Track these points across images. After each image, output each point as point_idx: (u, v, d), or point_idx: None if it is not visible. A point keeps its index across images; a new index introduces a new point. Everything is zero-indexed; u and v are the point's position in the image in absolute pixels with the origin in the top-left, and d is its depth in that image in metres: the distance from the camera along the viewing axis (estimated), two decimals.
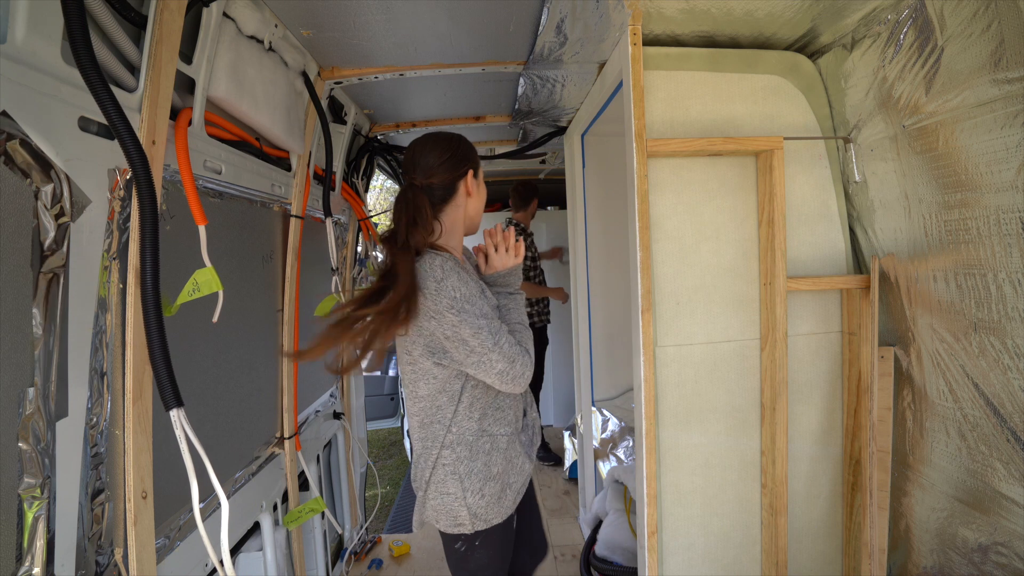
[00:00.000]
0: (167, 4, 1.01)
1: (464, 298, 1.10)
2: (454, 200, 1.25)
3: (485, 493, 1.19)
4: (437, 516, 1.22)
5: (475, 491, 1.19)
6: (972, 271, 1.15)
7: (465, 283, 1.11)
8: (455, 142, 1.26)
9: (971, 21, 1.04)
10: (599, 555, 2.11)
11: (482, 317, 1.10)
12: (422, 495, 1.24)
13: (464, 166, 1.25)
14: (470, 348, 1.10)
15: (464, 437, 1.19)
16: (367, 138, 2.46)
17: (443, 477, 1.19)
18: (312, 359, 1.17)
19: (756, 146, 1.43)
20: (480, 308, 1.11)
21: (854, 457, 1.54)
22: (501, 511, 1.22)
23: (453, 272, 1.11)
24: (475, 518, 1.19)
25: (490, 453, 1.21)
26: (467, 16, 1.45)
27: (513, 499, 1.25)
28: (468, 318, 1.09)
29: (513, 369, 1.11)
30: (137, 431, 0.99)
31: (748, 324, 1.52)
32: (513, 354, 1.11)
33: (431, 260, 1.12)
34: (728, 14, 1.36)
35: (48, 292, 0.84)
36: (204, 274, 1.13)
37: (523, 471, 1.28)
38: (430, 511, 1.23)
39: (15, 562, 0.80)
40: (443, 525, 1.22)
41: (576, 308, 2.70)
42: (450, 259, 1.13)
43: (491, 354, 1.10)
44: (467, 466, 1.19)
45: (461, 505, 1.18)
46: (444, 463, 1.19)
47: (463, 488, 1.18)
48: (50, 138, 0.82)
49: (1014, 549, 1.11)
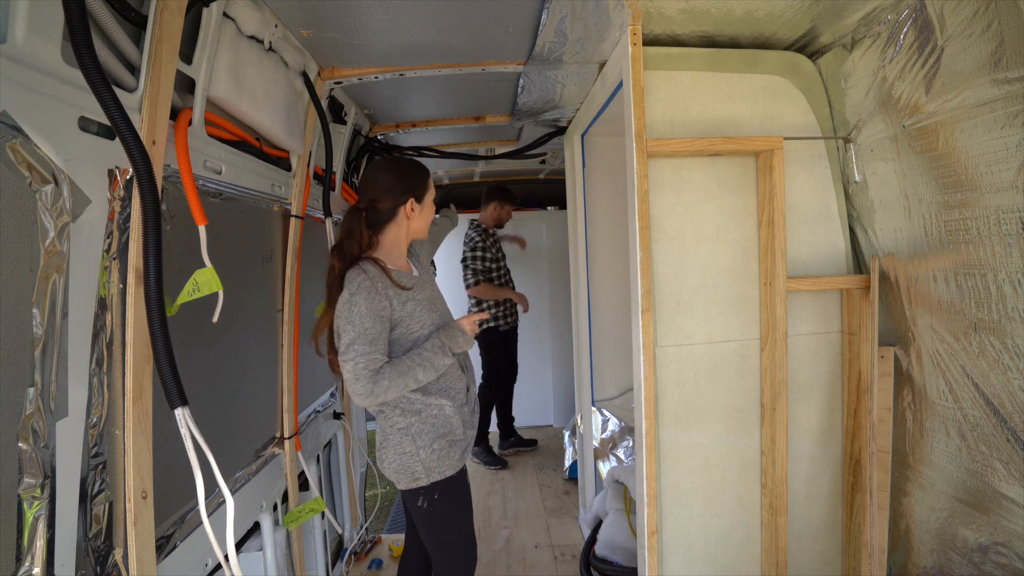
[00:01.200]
0: (167, 4, 1.01)
1: (360, 313, 1.31)
2: (395, 221, 1.48)
3: (435, 448, 1.42)
4: (398, 477, 1.44)
5: (426, 447, 1.41)
6: (972, 271, 1.15)
7: (371, 302, 1.32)
8: (400, 172, 1.48)
9: (971, 21, 1.04)
10: (599, 555, 2.11)
11: (362, 334, 1.30)
12: (382, 454, 1.46)
13: (406, 196, 1.46)
14: (342, 347, 1.32)
15: (413, 406, 1.42)
16: (367, 138, 2.46)
17: (399, 440, 1.42)
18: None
19: (756, 146, 1.43)
20: (366, 327, 1.31)
21: (854, 457, 1.54)
22: (451, 464, 1.44)
23: (364, 291, 1.33)
24: (429, 471, 1.41)
25: (436, 418, 1.43)
26: (467, 16, 1.45)
27: (460, 455, 1.47)
28: (351, 329, 1.31)
29: (352, 385, 1.30)
30: (137, 431, 0.99)
31: (748, 324, 1.52)
32: (357, 375, 1.29)
33: (355, 273, 1.36)
34: (728, 14, 1.36)
35: (48, 292, 0.84)
36: (204, 274, 1.13)
37: (466, 437, 1.50)
38: (391, 471, 1.44)
39: (15, 562, 0.80)
40: (404, 483, 1.44)
41: (576, 308, 2.70)
42: (368, 278, 1.34)
43: (346, 363, 1.30)
44: (418, 427, 1.42)
45: (416, 461, 1.41)
46: (399, 427, 1.42)
47: (416, 446, 1.41)
48: (50, 138, 0.82)
49: (1014, 549, 1.11)
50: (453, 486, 1.46)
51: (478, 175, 3.88)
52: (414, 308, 1.42)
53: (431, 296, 1.51)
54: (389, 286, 1.37)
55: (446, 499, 1.45)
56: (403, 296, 1.40)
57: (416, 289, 1.44)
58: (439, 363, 1.40)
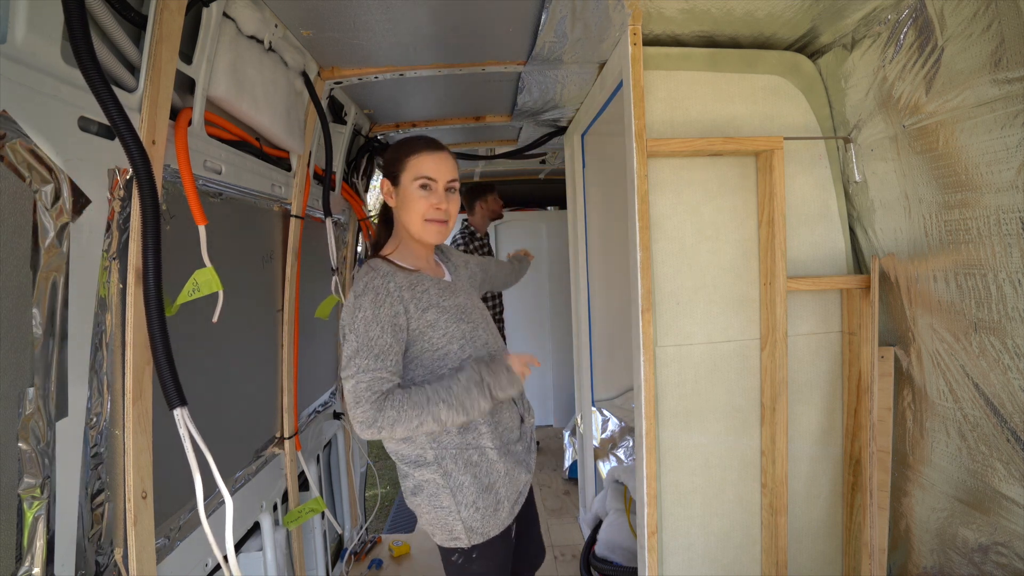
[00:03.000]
0: (167, 4, 1.01)
1: (365, 319, 1.07)
2: (394, 209, 1.25)
3: (480, 506, 1.16)
4: (433, 530, 1.19)
5: (468, 504, 1.15)
6: (972, 271, 1.15)
7: (379, 306, 1.08)
8: (391, 149, 1.25)
9: (971, 21, 1.04)
10: (599, 555, 2.11)
11: (366, 345, 1.05)
12: (416, 500, 1.20)
13: (385, 179, 1.23)
14: (344, 361, 1.07)
15: (447, 451, 1.15)
16: (367, 138, 2.46)
17: (435, 491, 1.16)
18: None
19: (756, 146, 1.43)
20: (371, 336, 1.06)
21: (854, 457, 1.54)
22: (497, 523, 1.19)
23: (371, 292, 1.09)
24: (471, 532, 1.16)
25: (478, 465, 1.16)
26: (467, 16, 1.45)
27: (509, 510, 1.22)
28: (353, 338, 1.06)
29: (352, 410, 1.05)
30: (137, 431, 0.99)
31: (748, 324, 1.52)
32: (358, 397, 1.03)
33: (363, 272, 1.14)
34: (728, 14, 1.36)
35: (48, 292, 0.84)
36: (204, 274, 1.13)
37: (518, 481, 1.23)
38: (425, 522, 1.20)
39: (15, 562, 0.80)
40: (439, 539, 1.19)
41: (576, 308, 2.70)
42: (379, 276, 1.11)
43: (347, 381, 1.05)
44: (456, 480, 1.15)
45: (456, 519, 1.15)
46: (430, 478, 1.16)
47: (456, 502, 1.15)
48: (50, 138, 0.82)
49: (1014, 549, 1.11)
50: (496, 547, 1.20)
51: (478, 175, 3.88)
52: (437, 317, 1.15)
53: (462, 305, 1.22)
54: (405, 287, 1.13)
55: (485, 559, 1.20)
56: (423, 301, 1.14)
57: (444, 294, 1.19)
58: (472, 405, 1.08)
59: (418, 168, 1.19)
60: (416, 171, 1.19)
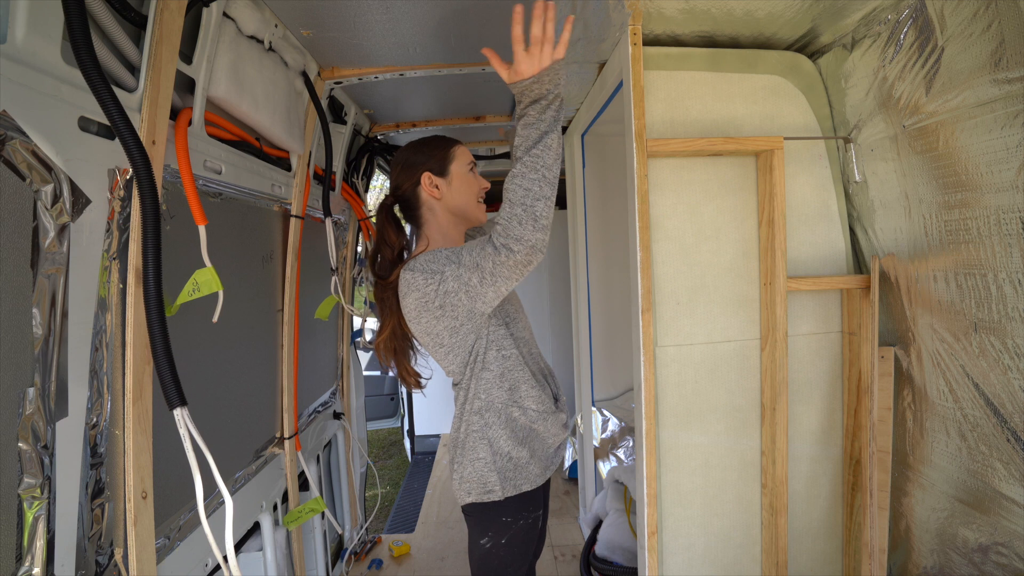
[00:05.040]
0: (167, 4, 1.01)
1: (447, 257, 1.12)
2: (424, 207, 1.28)
3: (513, 456, 1.22)
4: (469, 488, 1.24)
5: (503, 455, 1.22)
6: (972, 271, 1.15)
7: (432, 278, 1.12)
8: (407, 151, 1.29)
9: (971, 21, 1.04)
10: (599, 555, 2.11)
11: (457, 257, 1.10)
12: (455, 462, 1.26)
13: (415, 172, 1.25)
14: (466, 269, 1.08)
15: (493, 404, 1.22)
16: (367, 138, 2.46)
17: (474, 443, 1.22)
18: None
19: (756, 146, 1.43)
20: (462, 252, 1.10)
21: (854, 457, 1.54)
22: (529, 478, 1.24)
23: (441, 254, 1.14)
24: (504, 481, 1.22)
25: (517, 421, 1.23)
26: (467, 16, 1.45)
27: (541, 471, 1.27)
28: (454, 260, 1.10)
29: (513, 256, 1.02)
30: (137, 431, 0.99)
31: (748, 324, 1.52)
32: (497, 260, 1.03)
33: (413, 264, 1.15)
34: (728, 14, 1.36)
35: (48, 292, 0.84)
36: (204, 274, 1.13)
37: (549, 446, 1.28)
38: (461, 485, 1.25)
39: (15, 562, 0.80)
40: (474, 495, 1.23)
41: (576, 308, 2.70)
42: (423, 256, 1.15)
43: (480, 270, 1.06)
44: (496, 432, 1.22)
45: (491, 470, 1.21)
46: (473, 428, 1.22)
47: (492, 452, 1.21)
48: (50, 138, 0.82)
49: (1014, 549, 1.11)
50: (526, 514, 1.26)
51: None
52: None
53: None
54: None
55: (512, 548, 1.26)
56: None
57: None
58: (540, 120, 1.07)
59: (465, 154, 1.30)
60: (465, 157, 1.30)
